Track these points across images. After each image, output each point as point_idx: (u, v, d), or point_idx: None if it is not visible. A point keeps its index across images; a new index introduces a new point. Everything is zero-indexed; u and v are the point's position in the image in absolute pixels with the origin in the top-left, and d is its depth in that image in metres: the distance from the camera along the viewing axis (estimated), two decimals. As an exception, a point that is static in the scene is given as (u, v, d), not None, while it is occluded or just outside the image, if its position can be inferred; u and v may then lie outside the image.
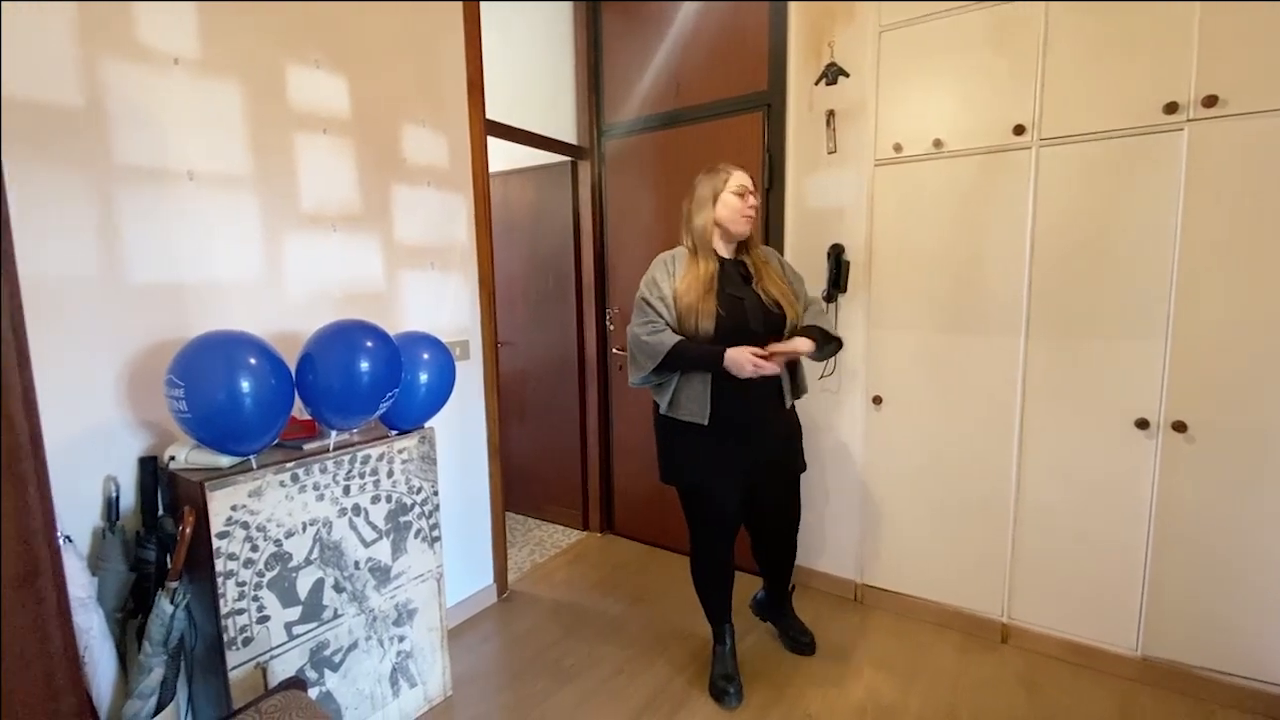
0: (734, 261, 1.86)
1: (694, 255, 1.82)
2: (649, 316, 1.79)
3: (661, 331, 1.75)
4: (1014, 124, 1.93)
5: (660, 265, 1.86)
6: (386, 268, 2.01)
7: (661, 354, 1.72)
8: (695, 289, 1.75)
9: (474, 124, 2.26)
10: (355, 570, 1.63)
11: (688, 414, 1.78)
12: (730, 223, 1.81)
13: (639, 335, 1.78)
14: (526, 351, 3.20)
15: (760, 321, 1.78)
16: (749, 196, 1.80)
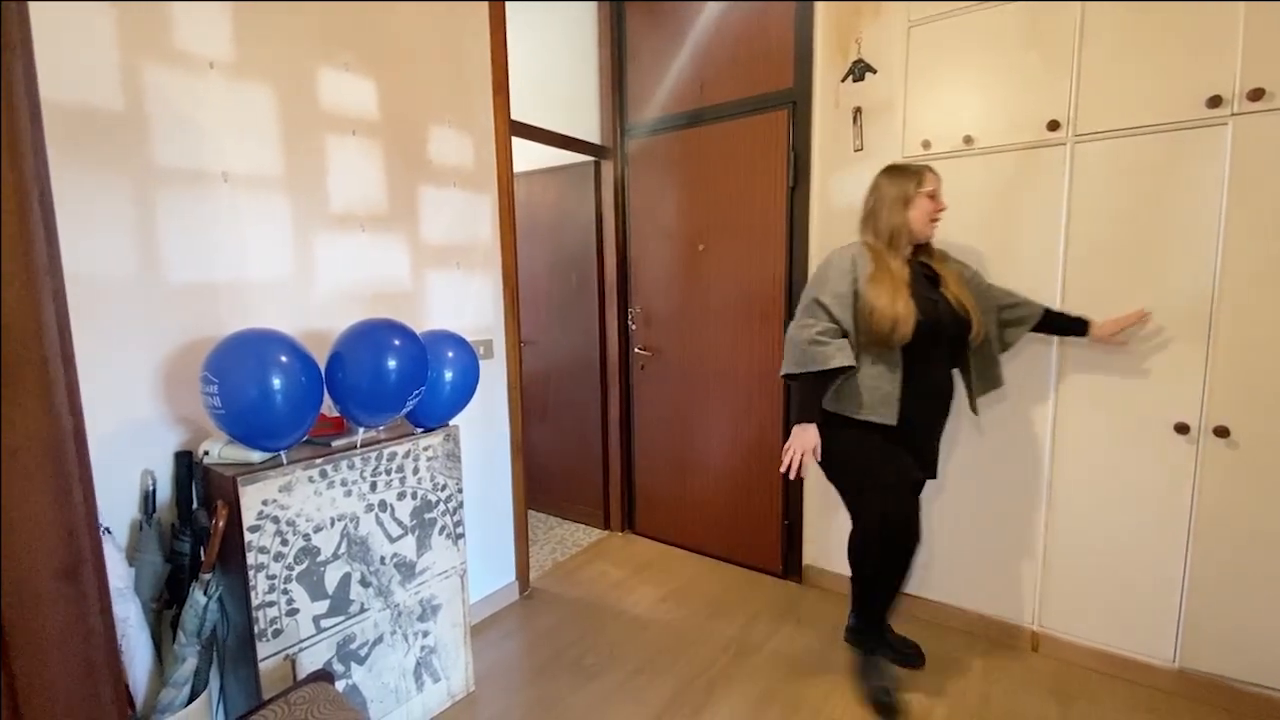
0: (918, 263, 1.78)
1: (880, 255, 1.70)
2: (816, 318, 1.68)
3: (826, 344, 1.64)
4: (1048, 120, 1.88)
5: (838, 264, 1.72)
6: (412, 267, 2.03)
7: (809, 368, 1.64)
8: (890, 290, 1.63)
9: (499, 124, 2.28)
10: (381, 565, 1.65)
11: (869, 412, 1.68)
12: (921, 226, 1.72)
13: (799, 337, 1.68)
14: (548, 351, 3.22)
15: (952, 325, 1.71)
16: (940, 199, 1.74)
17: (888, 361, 1.69)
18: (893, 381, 1.67)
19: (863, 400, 1.70)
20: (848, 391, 1.71)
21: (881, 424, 1.68)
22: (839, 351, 1.63)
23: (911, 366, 1.69)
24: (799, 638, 2.20)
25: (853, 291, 1.68)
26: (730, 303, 2.62)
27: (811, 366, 1.65)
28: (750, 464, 2.65)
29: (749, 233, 2.53)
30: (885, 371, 1.68)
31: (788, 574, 2.60)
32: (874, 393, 1.68)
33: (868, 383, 1.69)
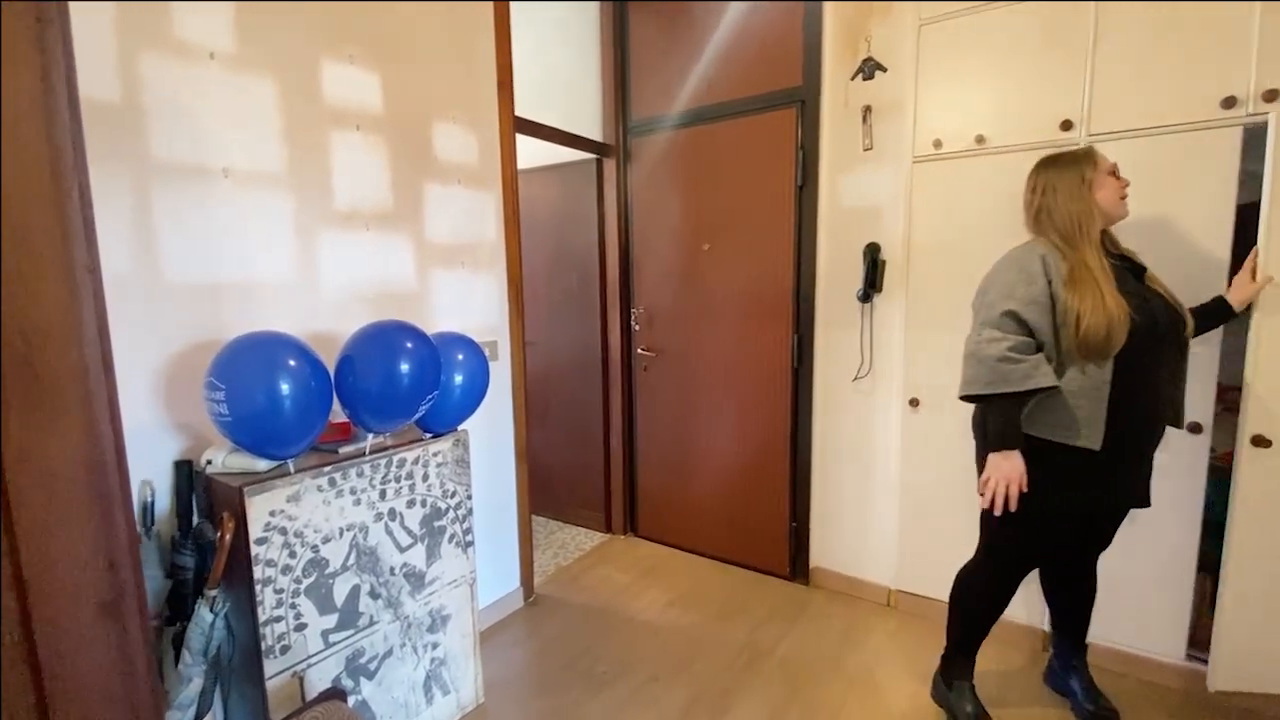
0: (1116, 255, 1.55)
1: (1075, 253, 1.46)
2: (1005, 331, 1.46)
3: (1021, 361, 1.42)
4: (1061, 119, 1.88)
5: (1025, 265, 1.49)
6: (418, 267, 1.97)
7: (1003, 389, 1.43)
8: (1096, 291, 1.40)
9: (503, 121, 2.22)
10: (391, 576, 1.59)
11: (1067, 435, 1.46)
12: (1114, 207, 1.50)
13: (986, 353, 1.45)
14: (549, 351, 3.17)
15: (1169, 325, 1.48)
16: (1121, 176, 1.53)
17: (1091, 374, 1.44)
18: (1099, 398, 1.44)
19: (1058, 419, 1.47)
20: (1040, 410, 1.49)
21: (1084, 448, 1.45)
22: (1037, 369, 1.42)
23: (1123, 379, 1.44)
24: (811, 641, 2.18)
25: (1049, 296, 1.45)
26: (736, 303, 2.59)
27: (1005, 388, 1.42)
28: (756, 465, 2.62)
29: (756, 232, 2.50)
30: (1090, 386, 1.44)
31: (795, 576, 2.58)
32: (1075, 411, 1.45)
33: (1067, 399, 1.45)
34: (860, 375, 2.34)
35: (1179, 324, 1.49)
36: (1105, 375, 1.43)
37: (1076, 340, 1.41)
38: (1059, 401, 1.46)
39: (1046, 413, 1.48)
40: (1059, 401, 1.46)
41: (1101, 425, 1.43)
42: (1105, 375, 1.43)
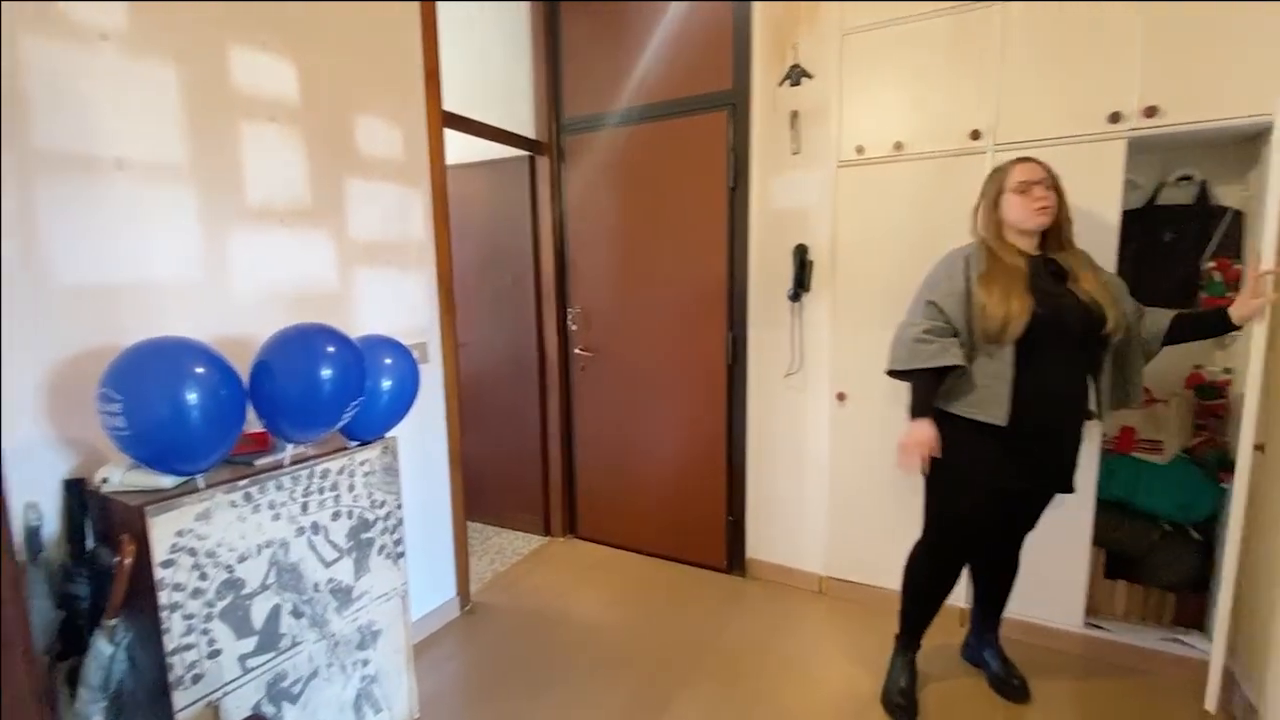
0: (1043, 259, 1.67)
1: (994, 252, 1.65)
2: (926, 317, 1.66)
3: (931, 342, 1.61)
4: (971, 129, 2.00)
5: (953, 261, 1.70)
6: (340, 266, 1.88)
7: (906, 366, 1.65)
8: (1002, 288, 1.58)
9: (431, 115, 2.15)
10: (315, 593, 1.51)
11: (976, 410, 1.62)
12: (1021, 221, 1.65)
13: (905, 335, 1.67)
14: (483, 352, 3.09)
15: (1079, 321, 1.60)
16: (1035, 189, 1.63)
17: (1002, 359, 1.60)
18: (1005, 380, 1.59)
19: (972, 398, 1.64)
20: (960, 388, 1.66)
21: (993, 425, 1.60)
22: (946, 350, 1.61)
23: (1031, 365, 1.59)
24: (748, 632, 2.23)
25: (965, 289, 1.64)
26: (672, 302, 2.62)
27: (914, 364, 1.63)
28: (694, 462, 2.66)
29: (690, 232, 2.54)
30: (999, 369, 1.60)
31: (732, 569, 2.64)
32: (986, 390, 1.62)
33: (980, 380, 1.63)
34: (792, 371, 2.41)
35: (1094, 325, 1.60)
36: (1009, 360, 1.59)
37: (979, 326, 1.61)
38: (973, 382, 1.64)
39: (964, 392, 1.65)
40: (973, 382, 1.64)
41: (1006, 404, 1.59)
42: (1009, 360, 1.59)
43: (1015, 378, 1.59)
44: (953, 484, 1.71)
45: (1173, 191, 1.99)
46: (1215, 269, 1.93)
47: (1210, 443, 1.96)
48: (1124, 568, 2.07)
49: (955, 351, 1.61)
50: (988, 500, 1.69)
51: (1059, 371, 1.62)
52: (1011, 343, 1.58)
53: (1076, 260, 1.68)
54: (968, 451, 1.65)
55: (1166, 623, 2.02)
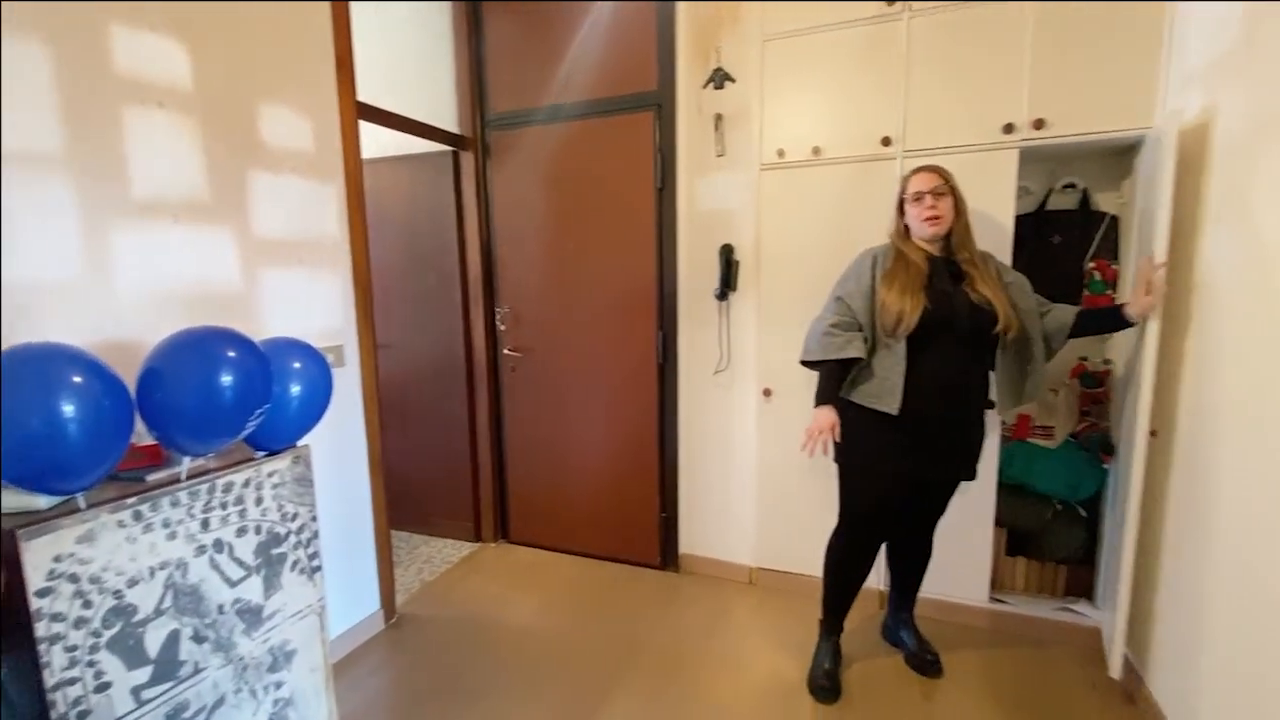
0: (944, 260, 1.78)
1: (900, 253, 1.78)
2: (835, 312, 1.79)
3: (838, 336, 1.74)
4: (882, 136, 2.10)
5: (863, 260, 1.82)
6: (243, 265, 1.76)
7: (815, 358, 1.78)
8: (900, 286, 1.70)
9: (344, 106, 2.05)
10: (219, 616, 1.41)
11: (872, 399, 1.74)
12: (915, 229, 1.78)
13: (815, 329, 1.81)
14: (406, 354, 2.98)
15: (969, 319, 1.70)
16: (926, 199, 1.73)
17: (897, 353, 1.72)
18: (899, 372, 1.71)
19: (870, 388, 1.75)
20: (861, 379, 1.77)
21: (888, 414, 1.71)
22: (849, 343, 1.73)
23: (924, 359, 1.70)
24: (682, 626, 2.26)
25: (870, 286, 1.76)
26: (603, 301, 2.61)
27: (822, 355, 1.75)
28: (627, 460, 2.67)
29: (620, 231, 2.54)
30: (894, 362, 1.72)
31: (666, 565, 2.67)
32: (882, 382, 1.74)
33: (879, 372, 1.75)
34: (720, 369, 2.46)
35: (984, 323, 1.69)
36: (902, 354, 1.71)
37: (879, 321, 1.73)
38: (873, 373, 1.76)
39: (865, 382, 1.77)
40: (873, 373, 1.76)
41: (899, 394, 1.71)
42: (902, 354, 1.71)
43: (908, 370, 1.71)
44: (859, 471, 1.84)
45: (1059, 198, 2.16)
46: (1095, 269, 2.11)
47: (1093, 428, 2.15)
48: (1022, 545, 2.23)
49: (857, 344, 1.73)
50: (893, 486, 1.80)
51: (951, 365, 1.72)
52: (905, 337, 1.69)
53: (976, 262, 1.77)
54: (871, 440, 1.77)
55: (1059, 594, 2.20)
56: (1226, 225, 1.48)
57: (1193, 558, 1.57)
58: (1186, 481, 1.63)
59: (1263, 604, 1.27)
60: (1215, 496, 1.47)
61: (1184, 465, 1.65)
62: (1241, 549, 1.36)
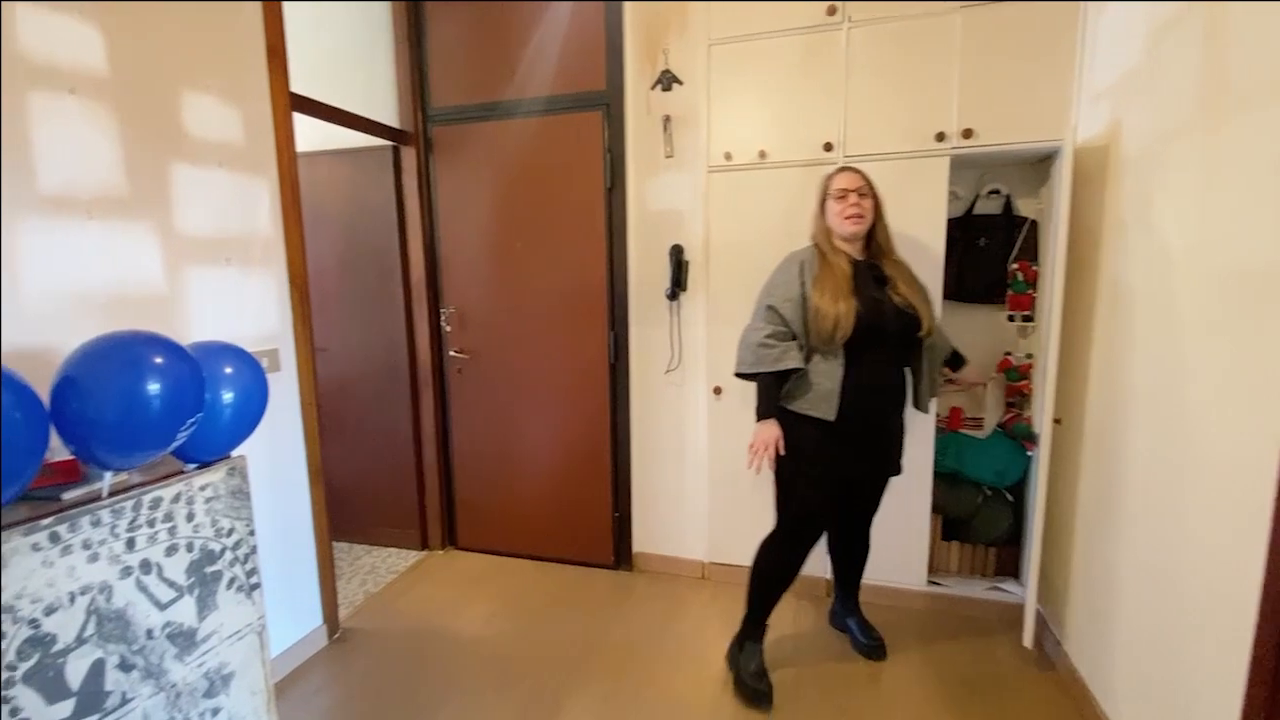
0: (867, 264, 1.80)
1: (825, 257, 1.76)
2: (769, 321, 1.75)
3: (774, 347, 1.71)
4: (824, 142, 2.18)
5: (790, 266, 1.79)
6: (167, 265, 1.64)
7: (758, 371, 1.73)
8: (832, 291, 1.69)
9: (276, 97, 1.94)
10: (148, 641, 1.31)
11: (809, 407, 1.74)
12: (836, 227, 1.78)
13: (750, 340, 1.76)
14: (344, 358, 2.85)
15: (896, 324, 1.74)
16: (850, 196, 1.75)
17: (832, 359, 1.73)
18: (834, 379, 1.72)
19: (806, 396, 1.75)
20: (797, 388, 1.77)
21: (824, 420, 1.73)
22: (786, 354, 1.71)
23: (855, 364, 1.73)
24: (636, 625, 2.27)
25: (801, 294, 1.74)
26: (552, 301, 2.59)
27: (761, 368, 1.72)
28: (578, 461, 2.66)
29: (569, 231, 2.52)
30: (829, 369, 1.73)
31: (620, 564, 2.67)
32: (817, 389, 1.74)
33: (814, 380, 1.74)
34: (671, 368, 2.48)
35: (910, 326, 1.75)
36: (840, 360, 1.73)
37: (815, 328, 1.72)
38: (808, 381, 1.75)
39: (800, 390, 1.77)
40: (808, 381, 1.75)
41: (836, 401, 1.73)
42: (840, 360, 1.73)
43: (844, 377, 1.73)
44: (797, 479, 1.82)
45: (986, 203, 2.31)
46: (1018, 270, 2.26)
47: (1017, 418, 2.30)
48: (956, 530, 2.37)
49: (795, 355, 1.72)
50: (830, 491, 1.82)
51: (881, 370, 1.77)
52: (842, 344, 1.71)
53: (896, 267, 1.83)
54: (808, 447, 1.77)
55: (990, 574, 2.34)
56: (1131, 231, 1.62)
57: (1104, 534, 1.71)
58: (1098, 465, 1.77)
59: (1166, 574, 1.40)
60: (1124, 478, 1.61)
61: (1095, 450, 1.79)
62: (1147, 525, 1.49)
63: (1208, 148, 1.31)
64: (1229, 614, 1.17)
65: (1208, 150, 1.31)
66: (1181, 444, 1.36)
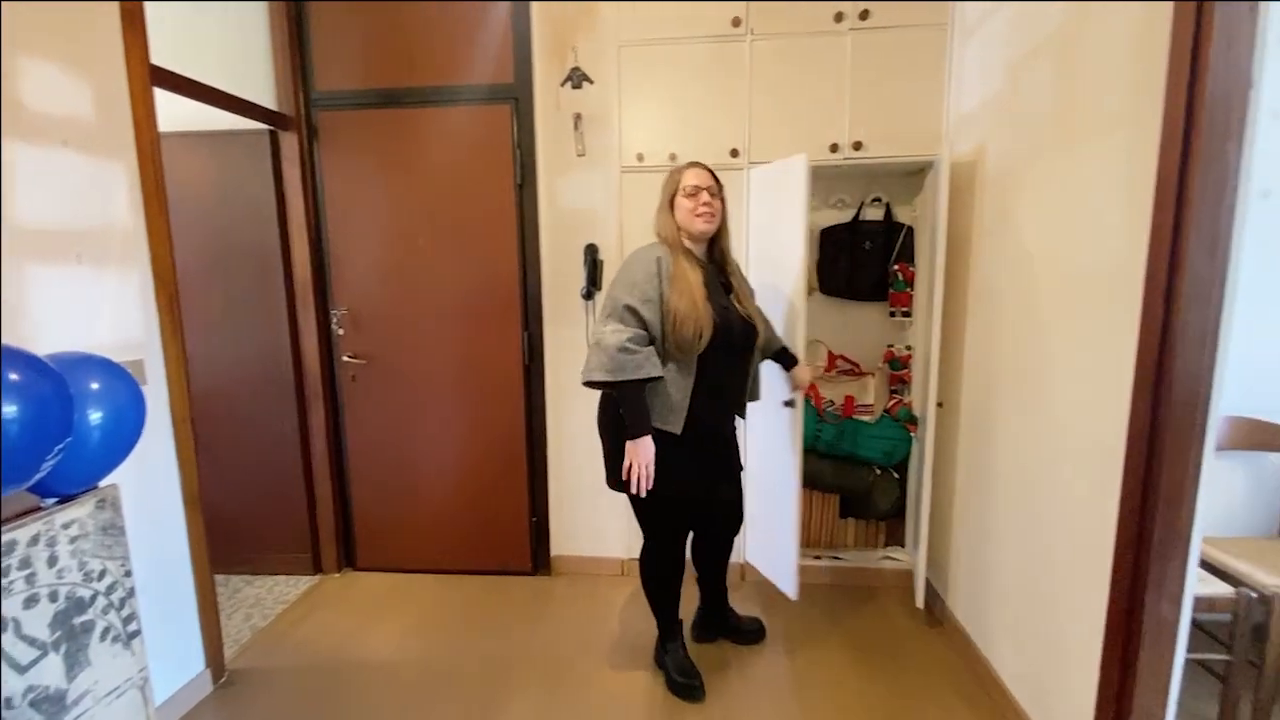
0: (715, 268, 1.76)
1: (677, 258, 1.67)
2: (626, 324, 1.60)
3: (636, 353, 1.56)
4: (730, 147, 2.28)
5: (648, 264, 1.63)
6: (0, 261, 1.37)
7: (612, 379, 1.55)
8: (690, 295, 1.60)
9: (134, 67, 1.68)
10: (8, 712, 1.09)
11: (660, 421, 1.64)
12: (686, 224, 1.70)
13: (609, 343, 1.56)
14: (214, 368, 2.52)
15: (741, 336, 1.71)
16: (702, 194, 1.68)
17: (683, 369, 1.65)
18: (684, 390, 1.64)
19: (655, 409, 1.64)
20: (650, 400, 1.65)
21: (670, 432, 1.64)
22: (648, 360, 1.58)
23: (702, 374, 1.67)
24: (561, 628, 2.25)
25: (660, 295, 1.62)
26: (460, 301, 2.47)
27: (623, 375, 1.55)
28: (493, 467, 2.57)
29: (477, 228, 2.42)
30: (679, 379, 1.64)
31: (538, 569, 2.62)
32: (666, 401, 1.64)
33: (664, 391, 1.64)
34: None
35: (750, 335, 1.75)
36: (693, 369, 1.65)
37: (673, 335, 1.60)
38: (660, 391, 1.64)
39: (650, 400, 1.65)
40: (660, 391, 1.64)
41: (684, 413, 1.65)
42: (693, 369, 1.65)
43: (694, 387, 1.65)
44: (651, 495, 1.66)
45: (870, 210, 2.54)
46: (898, 270, 2.51)
47: (900, 403, 2.56)
48: (852, 507, 2.59)
49: (656, 362, 1.59)
50: (685, 501, 1.78)
51: (724, 378, 1.74)
52: (699, 352, 1.63)
53: (735, 275, 1.82)
54: (658, 461, 1.64)
55: (881, 545, 2.59)
56: (996, 236, 1.87)
57: (980, 502, 1.96)
58: (972, 442, 2.03)
59: (1035, 531, 1.64)
60: (996, 451, 1.86)
61: (970, 428, 2.05)
62: (1018, 491, 1.73)
63: (1060, 168, 1.54)
64: (1090, 559, 1.40)
65: (1060, 170, 1.54)
66: (1044, 418, 1.60)
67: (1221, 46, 1.08)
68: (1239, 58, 1.08)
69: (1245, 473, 2.02)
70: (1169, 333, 1.18)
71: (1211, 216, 1.13)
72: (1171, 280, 1.17)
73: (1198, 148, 1.12)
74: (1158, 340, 1.20)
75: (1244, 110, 1.10)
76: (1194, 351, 1.17)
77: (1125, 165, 1.29)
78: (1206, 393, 1.18)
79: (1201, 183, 1.12)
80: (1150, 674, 1.28)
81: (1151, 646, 1.27)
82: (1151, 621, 1.26)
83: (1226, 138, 1.11)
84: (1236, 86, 1.09)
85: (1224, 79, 1.09)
